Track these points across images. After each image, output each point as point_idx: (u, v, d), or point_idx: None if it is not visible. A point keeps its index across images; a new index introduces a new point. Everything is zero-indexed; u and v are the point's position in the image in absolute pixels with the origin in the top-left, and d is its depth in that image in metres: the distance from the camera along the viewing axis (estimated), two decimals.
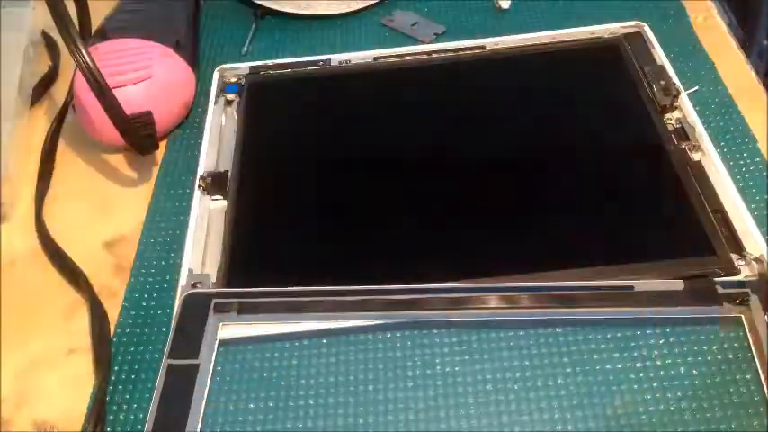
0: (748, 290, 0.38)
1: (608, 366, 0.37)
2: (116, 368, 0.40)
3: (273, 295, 0.40)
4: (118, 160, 0.52)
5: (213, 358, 0.39)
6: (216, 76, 0.55)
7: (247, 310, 0.40)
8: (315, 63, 0.56)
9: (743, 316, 0.38)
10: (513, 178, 0.46)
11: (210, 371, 0.38)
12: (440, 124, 0.50)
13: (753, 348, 0.37)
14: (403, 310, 0.39)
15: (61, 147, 0.54)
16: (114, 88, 0.46)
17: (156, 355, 0.40)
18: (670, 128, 0.47)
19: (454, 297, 0.39)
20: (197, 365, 0.38)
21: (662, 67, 0.51)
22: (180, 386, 0.37)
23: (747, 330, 0.37)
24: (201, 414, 0.37)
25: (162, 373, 0.37)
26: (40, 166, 0.52)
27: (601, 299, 0.39)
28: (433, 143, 0.49)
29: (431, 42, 0.57)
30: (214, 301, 0.40)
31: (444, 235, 0.43)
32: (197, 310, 0.40)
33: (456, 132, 0.49)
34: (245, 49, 0.59)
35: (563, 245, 0.42)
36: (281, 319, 0.40)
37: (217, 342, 0.39)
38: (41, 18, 0.60)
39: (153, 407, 0.36)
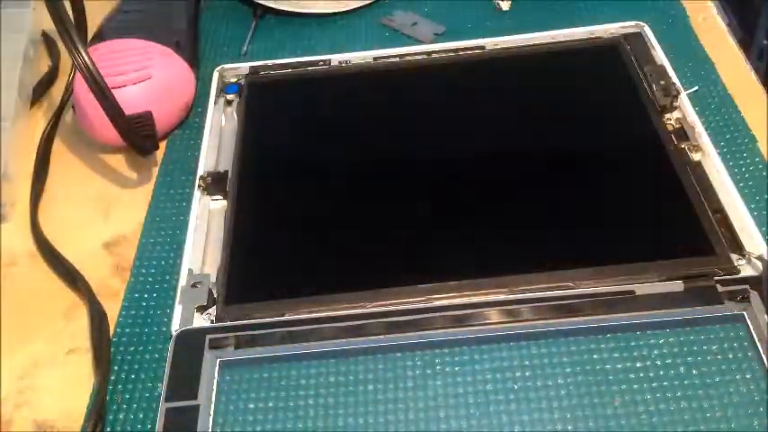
0: (748, 286, 0.38)
1: (608, 366, 0.37)
2: (116, 368, 0.40)
3: (270, 327, 0.39)
4: (118, 160, 0.52)
5: (213, 397, 0.37)
6: (216, 76, 0.55)
7: (244, 344, 0.39)
8: (315, 63, 0.56)
9: (745, 313, 0.38)
10: (513, 179, 0.46)
11: (212, 411, 0.37)
12: (440, 124, 0.50)
13: (757, 343, 0.37)
14: (403, 332, 0.38)
15: (61, 147, 0.54)
16: (114, 88, 0.46)
17: (156, 355, 0.40)
18: (670, 128, 0.47)
19: (455, 315, 0.39)
20: (197, 407, 0.36)
21: (662, 67, 0.51)
22: (181, 430, 0.36)
23: (750, 326, 0.37)
24: None
25: (160, 417, 0.36)
26: (35, 166, 0.51)
27: (603, 305, 0.38)
28: (433, 143, 0.49)
29: (431, 42, 0.57)
30: (208, 337, 0.39)
31: (445, 235, 0.43)
32: (191, 347, 0.38)
33: (456, 132, 0.49)
34: (245, 48, 0.59)
35: (563, 245, 0.42)
36: (280, 351, 0.39)
37: (216, 379, 0.38)
38: (41, 18, 0.60)
39: None
